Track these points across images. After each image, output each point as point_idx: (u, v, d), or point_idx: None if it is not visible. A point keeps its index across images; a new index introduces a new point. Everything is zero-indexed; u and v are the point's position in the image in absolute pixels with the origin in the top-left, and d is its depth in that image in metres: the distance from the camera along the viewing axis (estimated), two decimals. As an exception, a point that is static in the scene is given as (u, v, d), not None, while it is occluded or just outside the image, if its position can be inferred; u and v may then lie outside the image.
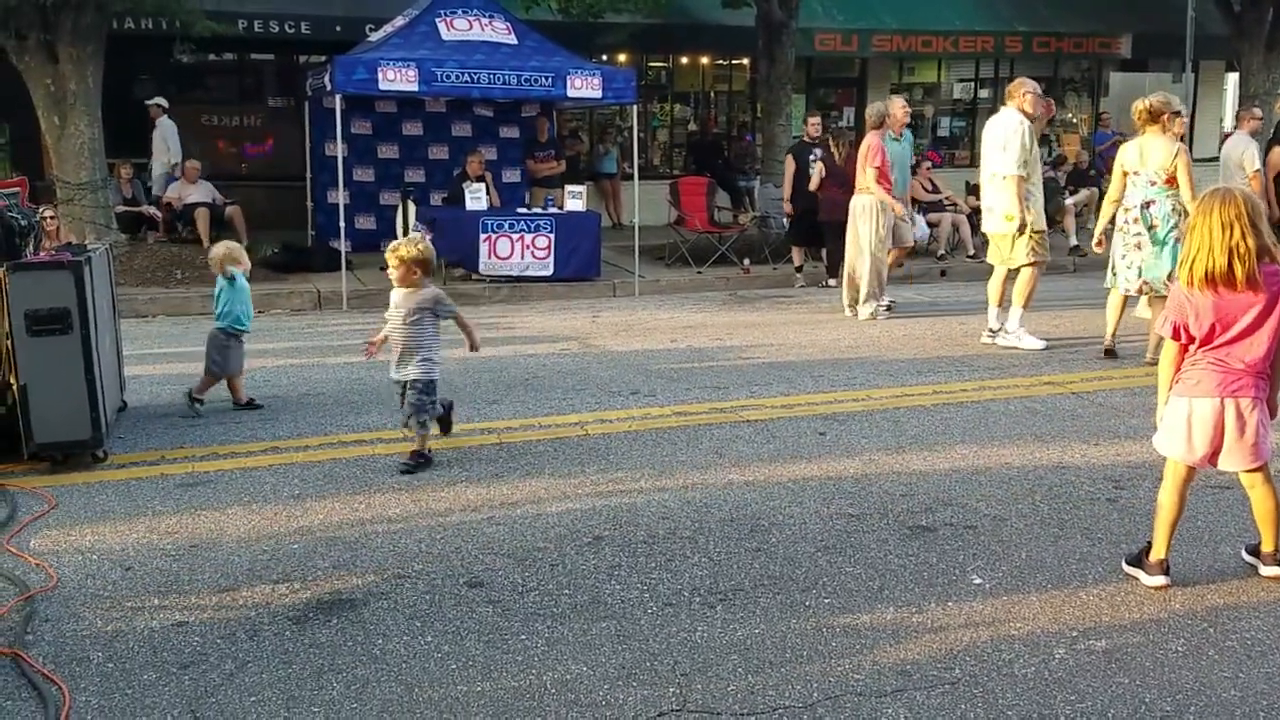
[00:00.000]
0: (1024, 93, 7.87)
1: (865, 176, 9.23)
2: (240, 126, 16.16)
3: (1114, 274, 7.50)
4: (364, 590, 3.90)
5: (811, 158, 11.22)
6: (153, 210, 12.65)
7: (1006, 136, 7.78)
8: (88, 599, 3.85)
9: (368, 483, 5.10)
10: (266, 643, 3.51)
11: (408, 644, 3.49)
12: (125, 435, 5.94)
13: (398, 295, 5.48)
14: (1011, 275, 8.11)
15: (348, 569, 4.09)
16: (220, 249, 6.66)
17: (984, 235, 8.57)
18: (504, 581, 3.96)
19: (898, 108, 9.65)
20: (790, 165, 11.64)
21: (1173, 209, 7.16)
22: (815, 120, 11.99)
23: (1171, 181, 7.12)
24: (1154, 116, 7.16)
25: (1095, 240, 7.76)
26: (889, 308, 9.57)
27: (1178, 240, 7.14)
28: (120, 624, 3.65)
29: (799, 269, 11.69)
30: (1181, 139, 7.44)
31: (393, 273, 5.48)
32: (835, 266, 10.53)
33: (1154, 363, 7.24)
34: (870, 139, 9.26)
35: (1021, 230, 7.80)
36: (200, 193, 12.76)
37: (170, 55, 14.55)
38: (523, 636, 3.54)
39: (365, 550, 4.27)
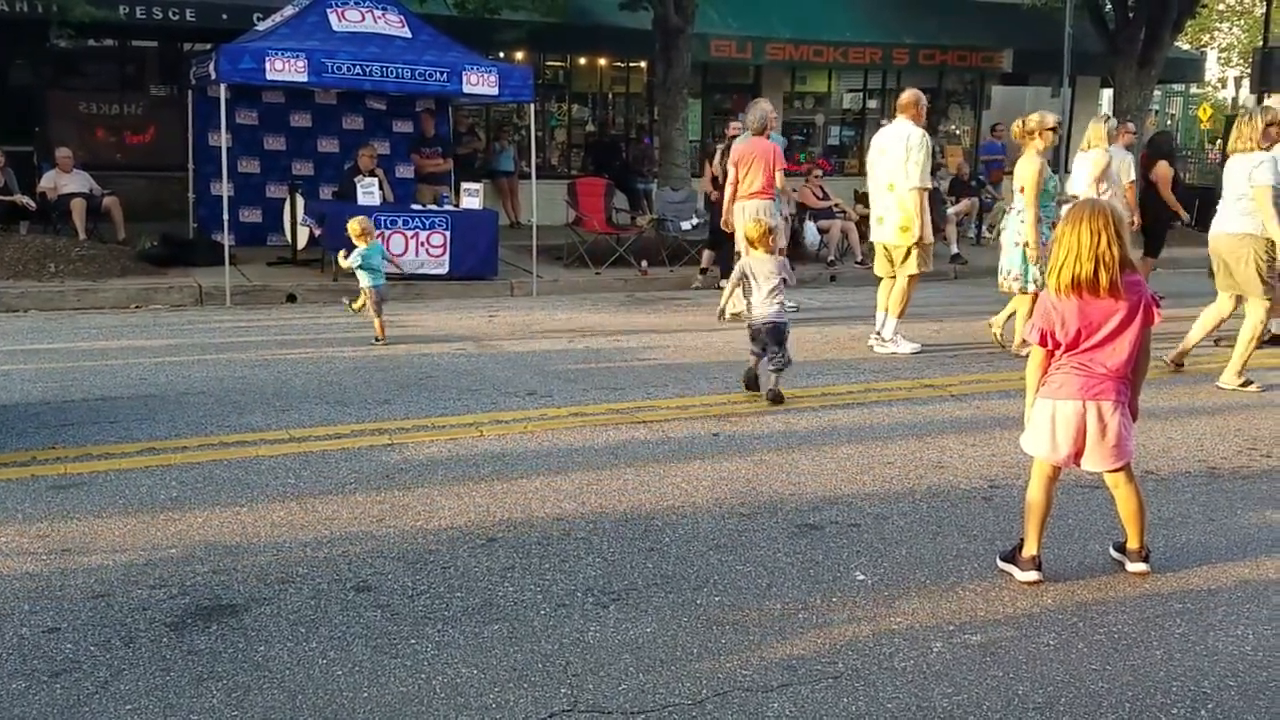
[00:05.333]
0: (923, 105, 8.12)
1: (759, 180, 9.28)
2: (120, 115, 15.57)
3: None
4: (245, 596, 3.80)
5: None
6: (25, 200, 12.07)
7: (909, 149, 7.91)
8: (-51, 607, 3.67)
9: (250, 485, 4.97)
10: (143, 649, 3.40)
11: (291, 650, 3.42)
12: (-8, 435, 5.67)
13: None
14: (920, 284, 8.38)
15: (228, 574, 3.98)
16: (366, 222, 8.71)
17: (871, 244, 8.74)
18: (393, 585, 3.91)
19: (770, 111, 9.79)
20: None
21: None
22: (737, 125, 11.93)
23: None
24: (1030, 134, 7.80)
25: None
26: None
27: (1021, 245, 7.82)
28: (-16, 633, 3.49)
29: (703, 271, 11.74)
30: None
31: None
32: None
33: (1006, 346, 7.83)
34: (767, 143, 9.33)
35: (920, 243, 8.04)
36: (76, 183, 12.23)
37: (47, 40, 13.93)
38: (412, 641, 3.50)
39: (247, 555, 4.17)
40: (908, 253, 8.12)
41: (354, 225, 8.62)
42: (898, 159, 7.99)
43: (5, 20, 12.79)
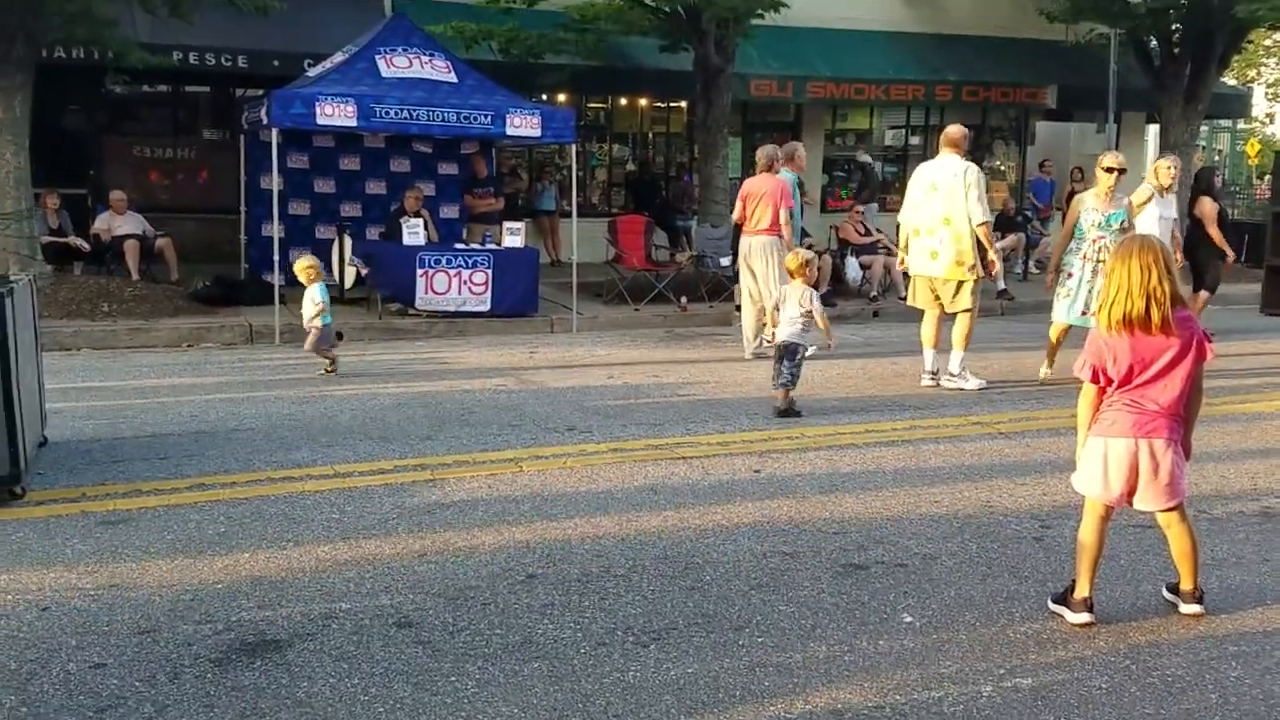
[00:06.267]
0: (969, 140, 8.25)
1: (766, 217, 9.29)
2: (174, 158, 15.92)
3: None
4: (289, 631, 3.82)
5: None
6: (79, 241, 12.37)
7: (968, 184, 7.91)
8: (1, 640, 3.72)
9: (296, 520, 5.01)
10: (188, 685, 3.42)
11: (333, 686, 3.42)
12: (46, 471, 5.76)
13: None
14: (947, 319, 8.28)
15: (273, 609, 4.00)
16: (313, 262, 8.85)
17: (910, 278, 8.68)
18: (434, 621, 3.91)
19: (802, 151, 9.82)
20: None
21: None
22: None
23: None
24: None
25: None
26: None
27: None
28: (35, 666, 3.53)
29: (739, 307, 11.74)
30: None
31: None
32: None
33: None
34: (774, 181, 9.36)
35: (987, 276, 8.16)
36: (130, 224, 12.52)
37: (102, 86, 14.32)
38: (452, 678, 3.49)
39: (291, 590, 4.19)
40: (958, 287, 8.07)
41: (312, 264, 8.81)
42: (954, 194, 7.95)
43: (62, 67, 13.16)
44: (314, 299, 8.57)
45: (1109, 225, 8.07)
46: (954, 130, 8.22)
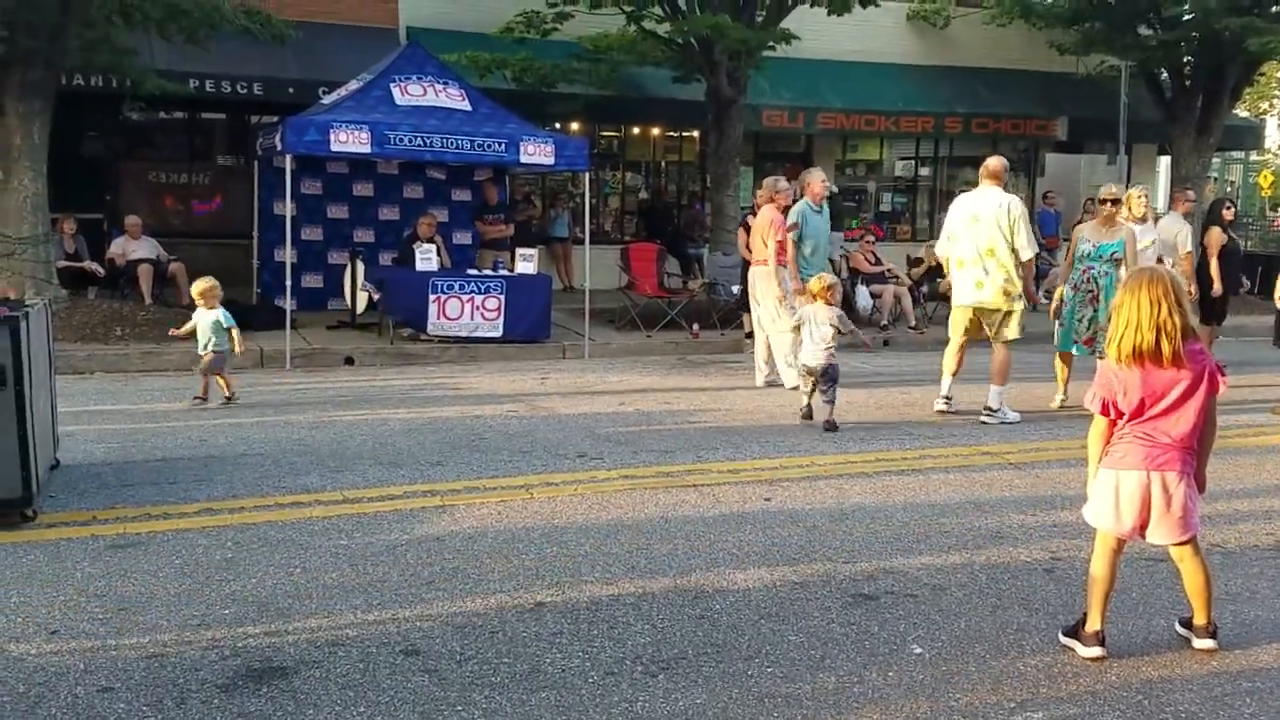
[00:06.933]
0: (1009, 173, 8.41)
1: (765, 248, 9.38)
2: (189, 184, 16.08)
3: None
4: (295, 658, 3.81)
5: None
6: (94, 266, 12.48)
7: (1015, 219, 7.92)
8: (9, 663, 3.72)
9: (303, 546, 5.01)
10: (194, 711, 3.41)
11: (339, 714, 3.41)
12: (57, 494, 5.78)
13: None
14: (971, 347, 8.35)
15: (279, 635, 3.99)
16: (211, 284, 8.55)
17: (925, 308, 8.73)
18: (441, 649, 3.89)
19: (816, 180, 9.88)
20: None
21: None
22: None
23: None
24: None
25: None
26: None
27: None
28: (43, 690, 3.53)
29: (749, 335, 11.79)
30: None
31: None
32: None
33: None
34: (768, 215, 9.43)
35: (1031, 308, 8.28)
36: (144, 249, 12.63)
37: (119, 113, 14.48)
38: (459, 707, 3.47)
39: (298, 616, 4.18)
40: (1005, 317, 8.09)
41: (210, 285, 8.54)
42: (999, 226, 7.96)
43: (80, 94, 13.31)
44: (223, 322, 8.38)
45: (1099, 256, 8.31)
46: (994, 162, 8.23)
